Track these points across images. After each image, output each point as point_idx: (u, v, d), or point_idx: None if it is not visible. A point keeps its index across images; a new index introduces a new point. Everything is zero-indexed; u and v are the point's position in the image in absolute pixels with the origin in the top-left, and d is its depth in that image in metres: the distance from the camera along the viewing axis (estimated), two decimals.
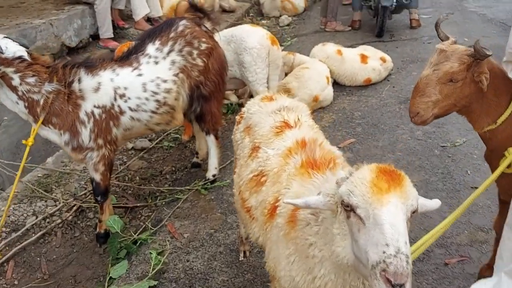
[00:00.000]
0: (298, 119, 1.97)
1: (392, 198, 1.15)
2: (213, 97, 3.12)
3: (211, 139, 3.26)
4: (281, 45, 6.52)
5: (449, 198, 3.01)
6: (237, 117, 2.33)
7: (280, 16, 8.50)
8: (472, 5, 8.32)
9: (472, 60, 1.80)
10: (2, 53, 2.29)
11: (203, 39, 2.99)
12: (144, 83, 2.71)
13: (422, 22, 7.11)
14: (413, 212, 1.20)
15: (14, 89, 2.36)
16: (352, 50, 5.31)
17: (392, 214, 1.13)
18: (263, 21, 8.45)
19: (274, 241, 1.59)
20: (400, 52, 6.05)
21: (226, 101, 4.60)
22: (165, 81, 2.78)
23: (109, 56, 2.82)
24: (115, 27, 6.19)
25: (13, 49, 2.35)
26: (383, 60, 5.15)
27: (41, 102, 2.40)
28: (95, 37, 6.07)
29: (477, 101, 1.90)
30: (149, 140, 4.04)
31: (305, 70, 4.62)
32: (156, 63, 2.79)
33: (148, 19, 6.73)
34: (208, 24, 3.20)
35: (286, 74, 4.84)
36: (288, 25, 8.12)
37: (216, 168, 3.33)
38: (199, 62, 2.95)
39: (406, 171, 1.24)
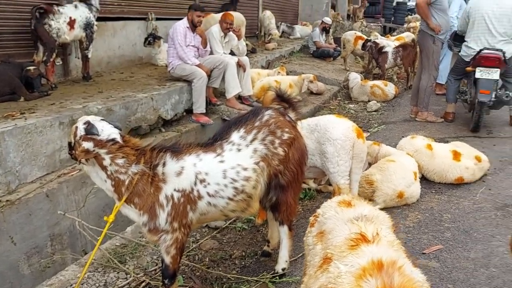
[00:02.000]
0: (377, 233, 1.81)
1: None
2: (290, 187, 3.06)
3: (284, 230, 3.16)
4: (367, 131, 6.44)
5: None
6: (311, 219, 2.22)
7: (369, 101, 8.44)
8: None
9: None
10: (98, 135, 2.49)
11: (286, 129, 3.01)
12: (224, 170, 2.75)
13: None
14: None
15: (104, 168, 2.53)
16: (443, 145, 5.01)
17: None
18: (350, 105, 8.45)
19: None
20: (498, 151, 5.59)
21: (304, 186, 4.52)
22: (245, 169, 2.80)
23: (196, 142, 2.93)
24: (208, 103, 6.62)
25: (108, 131, 2.54)
26: (478, 159, 4.76)
27: (126, 182, 2.53)
28: (189, 111, 6.54)
29: None
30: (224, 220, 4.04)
31: (390, 163, 4.41)
32: (239, 150, 2.84)
33: (239, 97, 7.11)
34: (292, 114, 3.24)
35: (370, 165, 4.68)
36: (376, 111, 8.01)
37: (286, 261, 3.19)
38: (280, 151, 2.95)
39: None
